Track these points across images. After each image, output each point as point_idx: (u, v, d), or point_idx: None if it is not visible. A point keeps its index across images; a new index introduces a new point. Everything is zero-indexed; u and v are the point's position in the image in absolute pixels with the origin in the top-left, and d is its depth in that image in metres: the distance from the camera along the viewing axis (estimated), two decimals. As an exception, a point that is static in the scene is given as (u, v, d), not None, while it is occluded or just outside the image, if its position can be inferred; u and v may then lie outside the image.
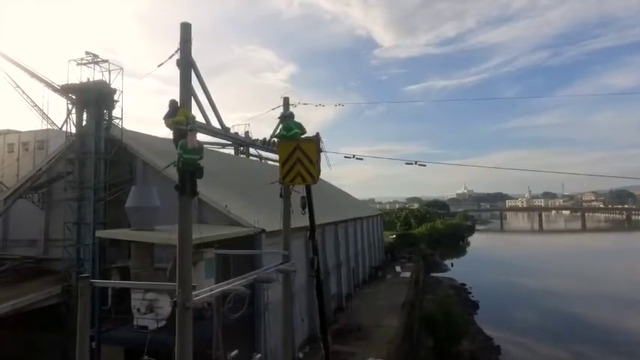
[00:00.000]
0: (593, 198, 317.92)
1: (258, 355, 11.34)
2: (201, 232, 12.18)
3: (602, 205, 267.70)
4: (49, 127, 47.47)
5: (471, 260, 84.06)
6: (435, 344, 27.72)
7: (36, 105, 48.04)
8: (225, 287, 7.90)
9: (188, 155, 6.58)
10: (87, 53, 22.64)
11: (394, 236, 69.78)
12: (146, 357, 10.11)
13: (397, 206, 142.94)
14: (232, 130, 54.05)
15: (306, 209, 10.51)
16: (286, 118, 9.51)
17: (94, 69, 22.96)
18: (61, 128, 49.24)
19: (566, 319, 41.49)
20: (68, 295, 21.80)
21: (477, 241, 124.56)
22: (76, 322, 21.25)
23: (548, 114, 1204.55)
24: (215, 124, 16.84)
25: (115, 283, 13.74)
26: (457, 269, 69.83)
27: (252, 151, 53.38)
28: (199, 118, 7.78)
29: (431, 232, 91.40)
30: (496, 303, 47.11)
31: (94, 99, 22.35)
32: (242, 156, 46.95)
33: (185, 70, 7.18)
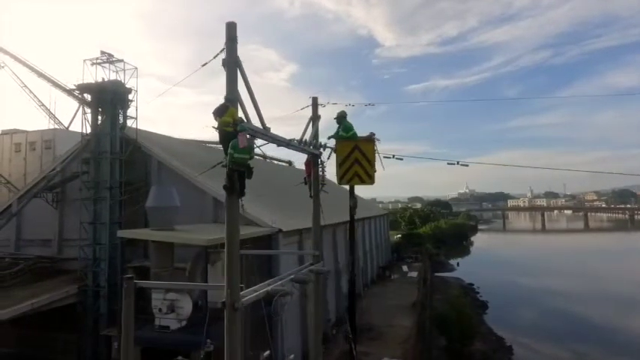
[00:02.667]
0: (595, 198, 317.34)
1: (292, 356, 11.28)
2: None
3: (604, 205, 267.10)
4: (56, 126, 47.66)
5: (476, 260, 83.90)
6: (448, 344, 27.64)
7: (43, 104, 48.21)
8: (269, 288, 7.87)
9: (239, 155, 6.53)
10: (102, 53, 22.62)
11: (399, 236, 69.63)
12: (180, 357, 10.09)
13: (400, 206, 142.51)
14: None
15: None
16: (342, 118, 9.42)
17: (109, 68, 22.94)
18: (67, 128, 49.43)
19: (576, 320, 41.44)
20: (84, 294, 21.82)
21: (480, 240, 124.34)
22: (92, 322, 21.21)
23: (549, 114, 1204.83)
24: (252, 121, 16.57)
25: (160, 284, 13.59)
26: (463, 269, 69.67)
27: (256, 150, 53.53)
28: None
29: (435, 232, 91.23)
30: (504, 303, 47.02)
31: (109, 99, 22.31)
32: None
33: (231, 69, 7.15)
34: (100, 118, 22.82)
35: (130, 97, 23.40)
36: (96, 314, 21.45)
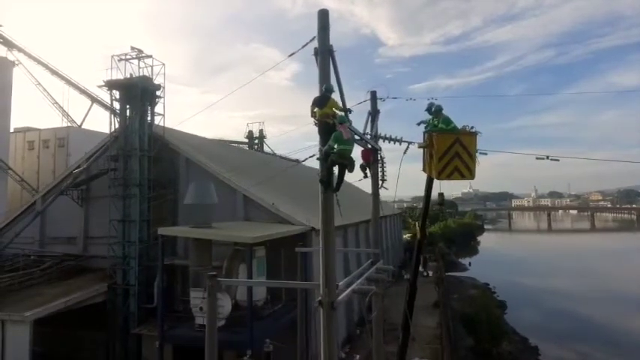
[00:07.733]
0: (600, 197, 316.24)
1: (358, 357, 11.03)
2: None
3: (609, 205, 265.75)
4: (69, 124, 47.55)
5: (486, 260, 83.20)
6: (476, 345, 27.32)
7: (56, 102, 48.08)
8: (354, 286, 7.59)
9: (344, 146, 6.23)
10: (132, 48, 22.36)
11: (410, 235, 69.12)
12: (246, 357, 9.84)
13: (405, 205, 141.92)
14: (247, 129, 54.77)
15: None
16: (439, 111, 9.18)
17: (139, 64, 22.68)
18: (80, 126, 49.24)
19: (595, 321, 40.99)
20: (113, 293, 21.58)
21: (487, 240, 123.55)
22: (122, 320, 20.96)
23: (552, 113, 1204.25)
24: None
25: (244, 281, 13.32)
26: (474, 269, 69.09)
27: (266, 149, 54.50)
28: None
29: (445, 232, 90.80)
30: (522, 303, 46.61)
31: (139, 95, 22.04)
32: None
33: (324, 58, 6.87)
34: (127, 114, 22.54)
35: (158, 93, 23.14)
36: (126, 312, 21.20)
